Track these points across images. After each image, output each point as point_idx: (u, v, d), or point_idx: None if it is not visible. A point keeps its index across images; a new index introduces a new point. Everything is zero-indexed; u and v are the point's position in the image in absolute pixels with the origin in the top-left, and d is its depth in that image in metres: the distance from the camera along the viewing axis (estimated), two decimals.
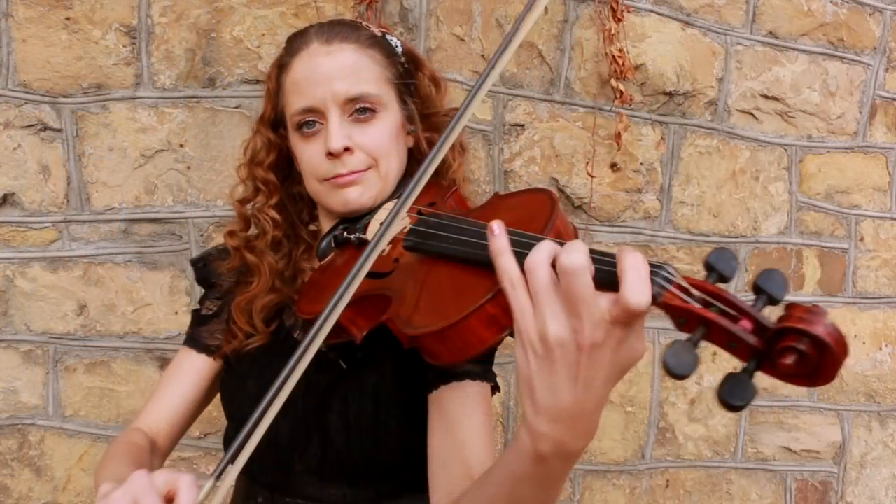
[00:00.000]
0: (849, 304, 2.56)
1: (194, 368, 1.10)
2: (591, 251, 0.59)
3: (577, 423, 0.60)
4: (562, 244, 0.58)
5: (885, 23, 2.50)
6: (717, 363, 2.42)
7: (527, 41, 2.19)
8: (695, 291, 0.57)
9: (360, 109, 0.96)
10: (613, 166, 2.27)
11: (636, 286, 0.54)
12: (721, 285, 0.58)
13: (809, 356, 0.53)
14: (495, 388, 0.97)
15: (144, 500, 0.69)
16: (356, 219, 1.00)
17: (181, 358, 1.12)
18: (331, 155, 0.95)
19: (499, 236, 0.61)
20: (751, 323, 0.56)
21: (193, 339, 1.12)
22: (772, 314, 0.56)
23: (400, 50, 1.05)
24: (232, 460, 0.71)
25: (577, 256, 0.56)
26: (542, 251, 0.58)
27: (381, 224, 0.77)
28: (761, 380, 0.54)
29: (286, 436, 0.98)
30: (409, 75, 1.05)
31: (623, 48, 2.18)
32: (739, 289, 2.43)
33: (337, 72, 0.96)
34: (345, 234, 0.98)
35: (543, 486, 0.64)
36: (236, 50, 2.04)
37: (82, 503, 2.11)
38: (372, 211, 0.99)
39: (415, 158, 1.06)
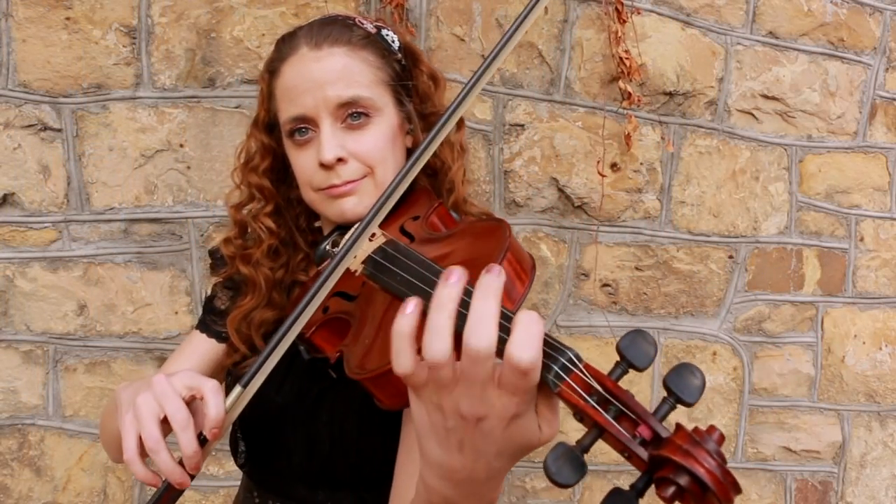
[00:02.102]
0: (849, 304, 2.56)
1: (202, 350, 1.09)
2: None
3: (467, 487, 0.57)
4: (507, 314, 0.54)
5: (885, 23, 2.50)
6: (717, 363, 2.43)
7: (526, 41, 2.19)
8: (596, 385, 0.52)
9: (353, 115, 0.92)
10: (613, 166, 2.27)
11: (521, 341, 0.50)
12: (633, 371, 0.53)
13: (691, 492, 0.48)
14: None
15: (168, 404, 0.72)
16: (353, 226, 0.95)
17: (191, 339, 1.11)
18: (324, 165, 0.92)
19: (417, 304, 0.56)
20: (649, 432, 0.50)
21: (205, 324, 1.11)
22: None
23: (397, 46, 1.00)
24: (257, 371, 0.73)
25: (485, 339, 0.50)
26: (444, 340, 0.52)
27: (345, 242, 0.74)
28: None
29: (277, 439, 0.99)
30: (406, 72, 1.00)
31: (628, 49, 2.18)
32: (740, 289, 2.44)
33: (327, 77, 0.91)
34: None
35: None
36: (236, 50, 2.04)
37: (82, 503, 2.11)
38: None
39: None
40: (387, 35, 0.99)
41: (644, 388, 2.38)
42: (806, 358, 2.51)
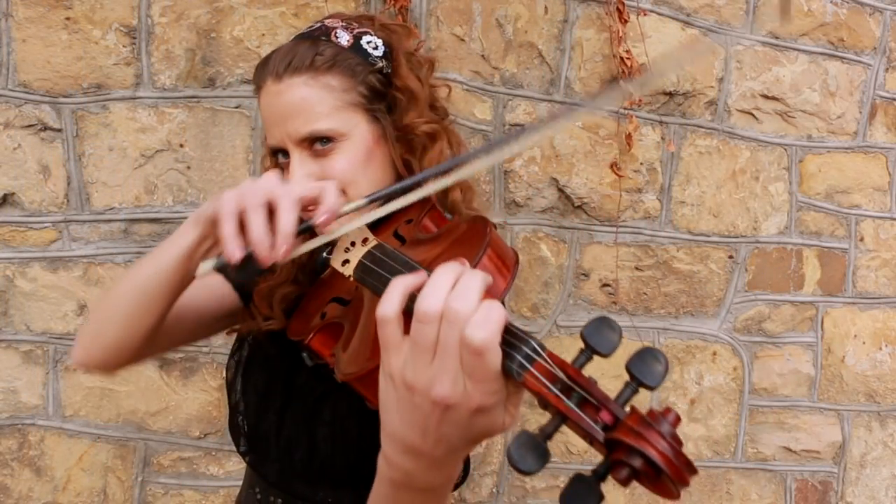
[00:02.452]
0: (849, 304, 2.56)
1: (216, 286, 1.07)
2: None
3: (427, 461, 0.58)
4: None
5: (885, 23, 2.50)
6: (717, 363, 2.43)
7: (527, 41, 2.19)
8: (559, 374, 0.52)
9: (320, 141, 0.93)
10: (613, 166, 2.27)
11: (476, 321, 0.52)
12: (597, 358, 0.54)
13: (645, 474, 0.48)
14: None
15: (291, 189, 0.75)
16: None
17: (207, 278, 1.08)
18: None
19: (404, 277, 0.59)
20: (610, 416, 0.51)
21: (227, 274, 1.09)
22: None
23: (379, 53, 0.97)
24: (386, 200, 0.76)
25: (464, 303, 0.52)
26: (437, 294, 0.54)
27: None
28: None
29: (279, 436, 1.01)
30: (388, 80, 0.98)
31: (630, 49, 2.18)
32: (740, 289, 2.44)
33: (288, 111, 0.92)
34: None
35: None
36: (236, 50, 2.04)
37: (82, 503, 2.11)
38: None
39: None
40: (368, 43, 0.97)
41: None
42: (806, 358, 2.51)
